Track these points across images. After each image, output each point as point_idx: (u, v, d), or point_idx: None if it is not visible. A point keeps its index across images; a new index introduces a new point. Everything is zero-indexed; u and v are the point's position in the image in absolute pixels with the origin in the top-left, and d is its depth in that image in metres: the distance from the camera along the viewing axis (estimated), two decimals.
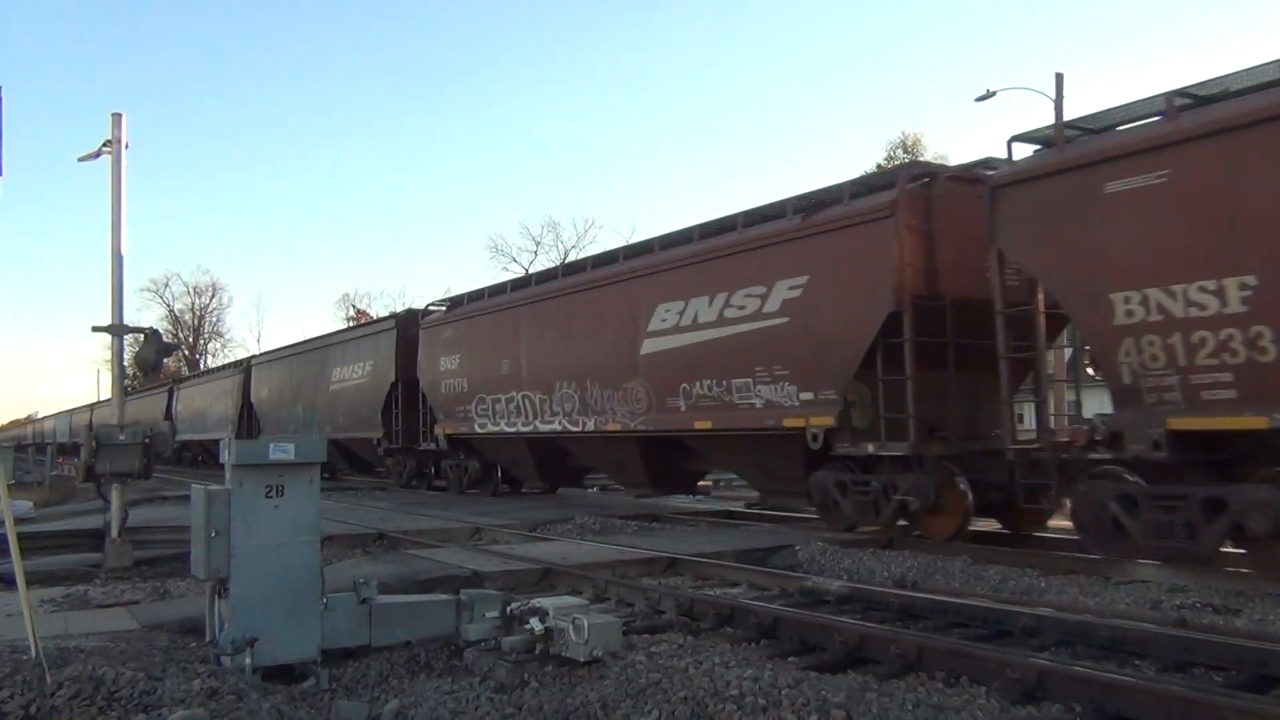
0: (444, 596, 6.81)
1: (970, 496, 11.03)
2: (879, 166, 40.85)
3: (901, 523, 11.60)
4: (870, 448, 11.53)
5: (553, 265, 17.45)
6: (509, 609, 6.25)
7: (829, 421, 11.72)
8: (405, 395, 21.76)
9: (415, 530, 13.62)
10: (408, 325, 21.86)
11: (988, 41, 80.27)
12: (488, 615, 6.29)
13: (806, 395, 12.08)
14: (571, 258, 44.61)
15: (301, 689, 5.68)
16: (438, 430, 20.64)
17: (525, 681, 5.62)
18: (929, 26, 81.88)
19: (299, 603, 5.89)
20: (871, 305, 11.28)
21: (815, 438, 11.89)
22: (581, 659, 5.65)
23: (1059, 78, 21.48)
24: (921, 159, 35.55)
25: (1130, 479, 9.25)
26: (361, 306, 64.43)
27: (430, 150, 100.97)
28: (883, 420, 11.34)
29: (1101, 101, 9.41)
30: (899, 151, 43.96)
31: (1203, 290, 8.45)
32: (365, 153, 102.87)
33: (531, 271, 16.51)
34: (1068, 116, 11.21)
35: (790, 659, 6.32)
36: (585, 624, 5.66)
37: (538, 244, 57.28)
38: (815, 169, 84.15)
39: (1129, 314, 8.96)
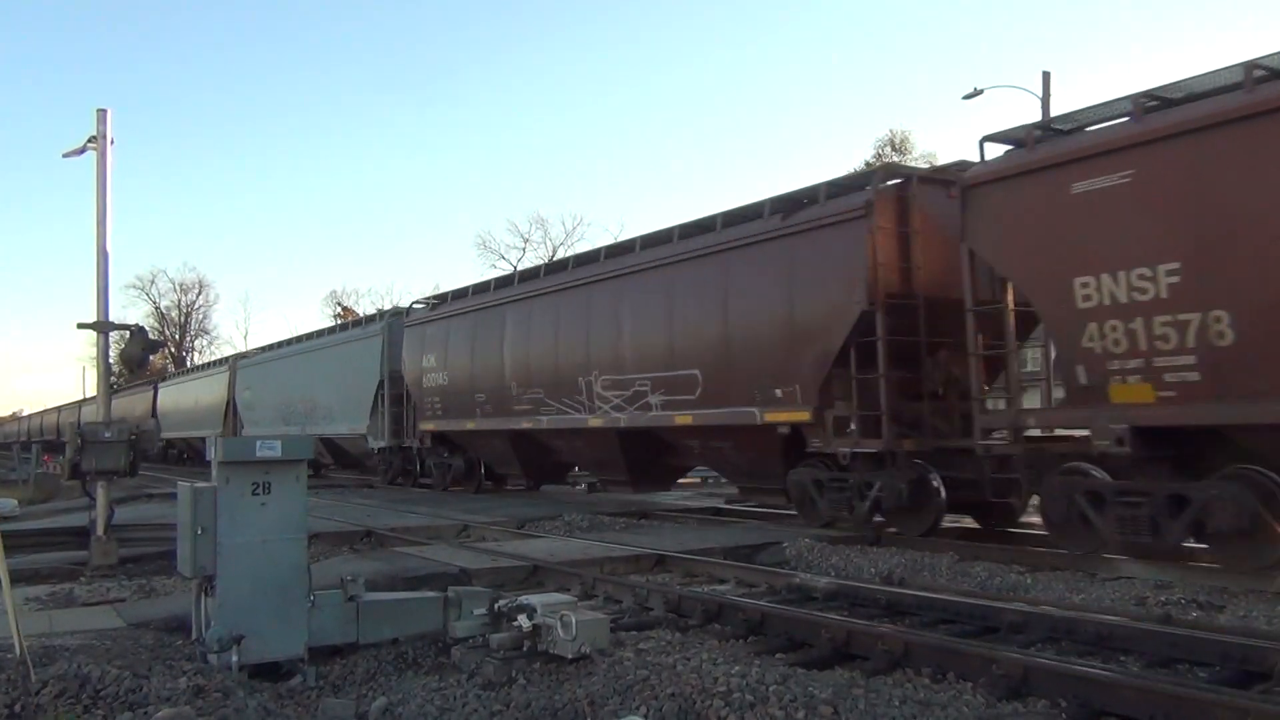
0: (431, 594, 6.80)
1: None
2: (867, 164, 40.93)
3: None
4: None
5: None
6: (497, 606, 6.24)
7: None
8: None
9: (403, 527, 13.60)
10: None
11: (977, 39, 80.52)
12: (475, 612, 6.29)
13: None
14: (560, 254, 44.64)
15: (288, 686, 5.68)
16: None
17: (513, 678, 5.62)
18: (918, 24, 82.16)
19: (286, 600, 5.87)
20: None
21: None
22: (569, 656, 5.66)
23: (1046, 76, 21.70)
24: (910, 156, 35.71)
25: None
26: (349, 304, 64.16)
27: (418, 147, 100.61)
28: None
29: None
30: (887, 149, 43.99)
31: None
32: (353, 149, 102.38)
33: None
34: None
35: (778, 655, 6.34)
36: (573, 621, 5.67)
37: (526, 241, 57.05)
38: (804, 165, 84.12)
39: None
